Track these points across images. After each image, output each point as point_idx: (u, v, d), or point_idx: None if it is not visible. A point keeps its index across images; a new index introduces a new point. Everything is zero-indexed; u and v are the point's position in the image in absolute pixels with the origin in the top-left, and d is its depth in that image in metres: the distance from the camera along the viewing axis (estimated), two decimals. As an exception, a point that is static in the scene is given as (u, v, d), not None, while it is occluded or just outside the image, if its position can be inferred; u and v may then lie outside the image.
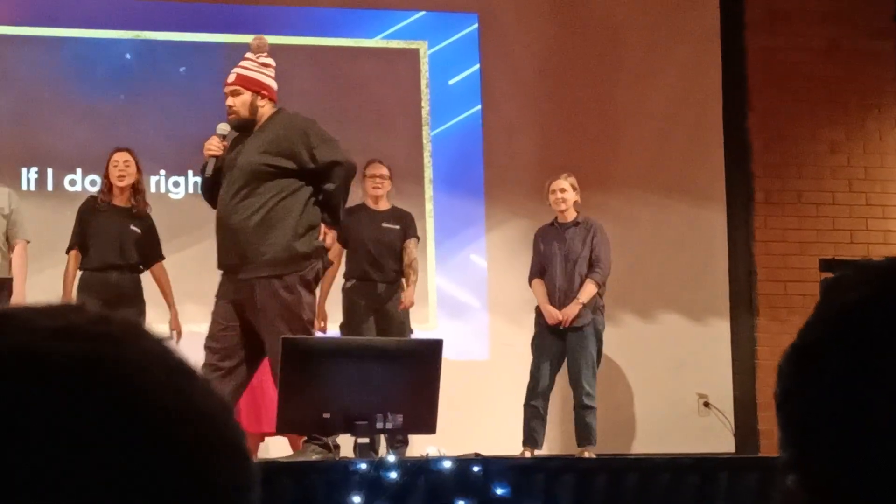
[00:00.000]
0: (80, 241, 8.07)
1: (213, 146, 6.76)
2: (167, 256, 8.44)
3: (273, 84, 6.90)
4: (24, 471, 0.67)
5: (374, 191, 8.61)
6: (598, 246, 8.44)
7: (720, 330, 10.06)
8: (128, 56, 9.61)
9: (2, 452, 0.67)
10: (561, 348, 8.34)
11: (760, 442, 9.68)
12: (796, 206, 10.22)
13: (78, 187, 9.33)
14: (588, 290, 8.33)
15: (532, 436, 8.27)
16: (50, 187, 9.37)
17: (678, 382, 9.80)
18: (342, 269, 8.57)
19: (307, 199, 6.63)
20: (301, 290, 6.55)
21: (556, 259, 8.41)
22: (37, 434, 0.68)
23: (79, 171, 9.40)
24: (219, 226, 6.69)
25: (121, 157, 8.17)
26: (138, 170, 8.24)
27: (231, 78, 6.86)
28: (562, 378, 8.46)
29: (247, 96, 6.76)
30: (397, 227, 8.58)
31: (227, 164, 6.66)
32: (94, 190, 8.68)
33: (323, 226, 6.68)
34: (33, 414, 0.69)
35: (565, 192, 8.47)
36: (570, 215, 8.51)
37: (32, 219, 8.31)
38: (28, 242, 8.03)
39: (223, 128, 6.81)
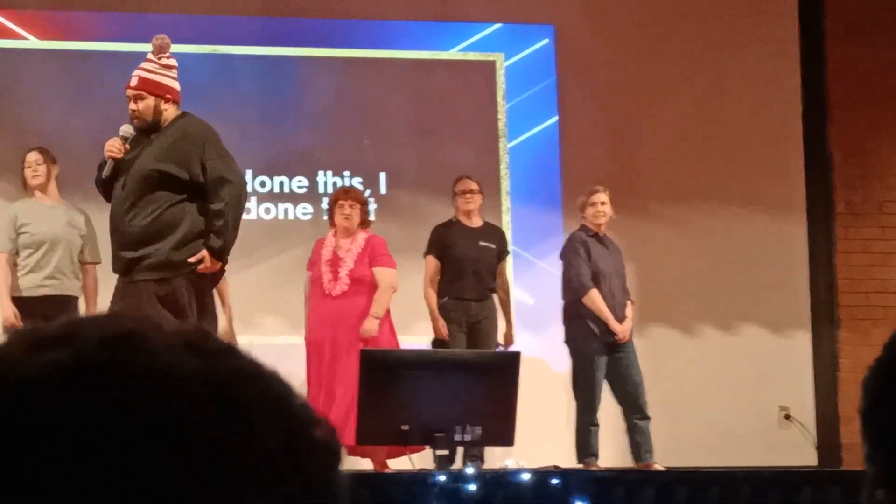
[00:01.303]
0: None
1: (114, 148, 6.51)
2: (244, 270, 8.46)
3: (176, 86, 6.69)
4: (175, 482, 0.70)
5: (465, 206, 8.61)
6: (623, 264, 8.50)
7: (801, 342, 9.97)
8: (204, 71, 9.68)
9: (152, 468, 0.70)
10: (605, 362, 8.23)
11: (843, 455, 9.57)
12: (878, 217, 10.10)
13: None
14: (631, 308, 8.35)
15: (593, 449, 8.17)
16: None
17: (759, 395, 9.72)
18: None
19: (195, 210, 6.43)
20: (184, 292, 6.33)
21: (611, 274, 8.36)
22: (186, 451, 0.71)
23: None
24: (110, 226, 6.57)
25: None
26: None
27: (133, 82, 6.64)
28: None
29: (150, 101, 6.56)
30: (494, 245, 8.60)
31: (124, 167, 6.47)
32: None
33: (204, 252, 6.37)
34: (188, 431, 0.72)
35: (605, 206, 8.44)
36: (604, 229, 8.49)
37: (102, 238, 8.36)
38: (98, 264, 7.98)
39: (126, 129, 6.59)
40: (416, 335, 8.58)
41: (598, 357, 8.17)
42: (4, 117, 9.33)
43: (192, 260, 6.30)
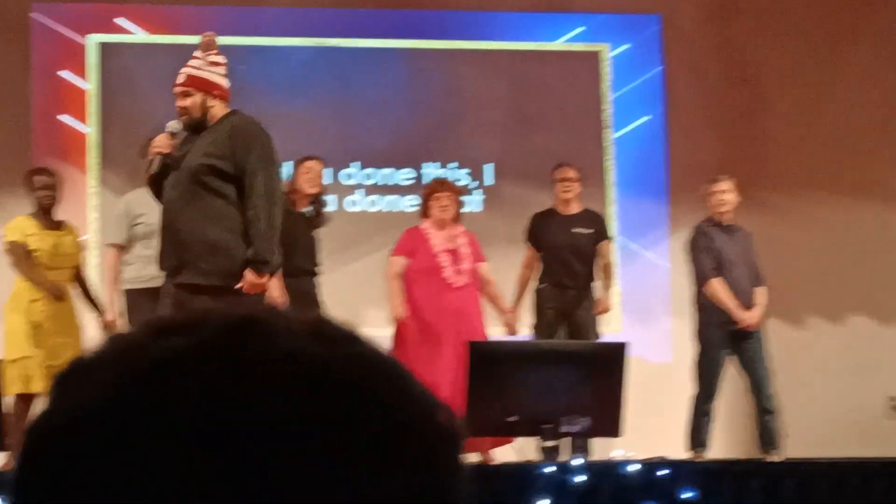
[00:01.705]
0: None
1: (161, 143, 6.42)
2: (352, 262, 8.54)
3: (224, 83, 6.58)
4: (290, 465, 0.71)
5: (563, 194, 8.61)
6: (755, 253, 8.41)
7: (910, 332, 9.87)
8: (312, 63, 9.78)
9: (266, 451, 0.71)
10: (728, 352, 8.21)
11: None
12: None
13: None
14: (765, 296, 8.27)
15: (703, 439, 8.16)
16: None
17: (867, 385, 9.64)
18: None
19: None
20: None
21: (736, 261, 8.32)
22: (304, 435, 0.72)
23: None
24: (162, 225, 6.39)
25: (318, 165, 8.20)
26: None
27: (181, 79, 6.57)
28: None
29: (197, 97, 6.46)
30: (590, 230, 8.57)
31: (174, 165, 6.37)
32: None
33: (247, 275, 6.10)
34: (306, 415, 0.73)
35: (727, 194, 8.38)
36: (730, 217, 8.43)
37: None
38: None
39: (174, 125, 6.50)
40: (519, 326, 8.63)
41: (721, 347, 8.14)
42: (116, 111, 9.50)
43: (237, 286, 6.09)
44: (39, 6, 9.44)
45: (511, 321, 8.20)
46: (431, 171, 9.73)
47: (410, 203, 9.61)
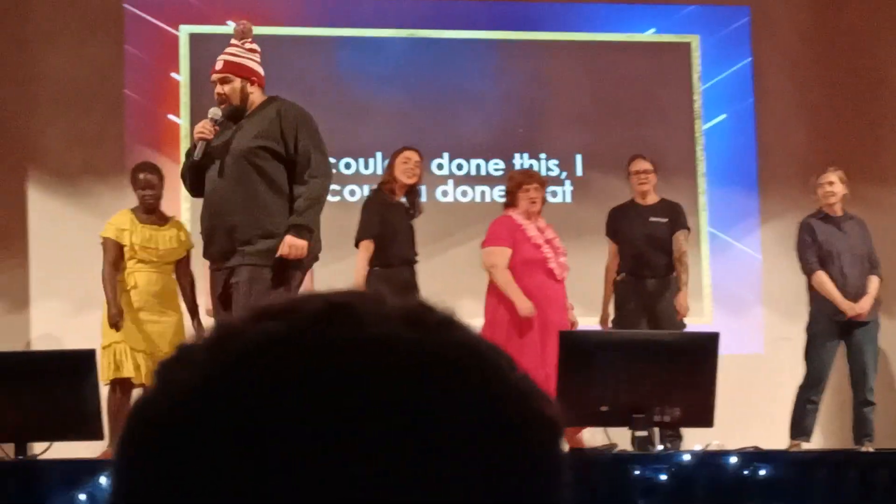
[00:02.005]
0: (375, 233, 8.04)
1: (205, 129, 6.40)
2: (442, 253, 8.54)
3: (261, 70, 6.62)
4: (380, 452, 0.71)
5: (640, 186, 8.59)
6: (871, 241, 8.35)
7: None
8: (403, 54, 9.81)
9: (355, 439, 0.71)
10: (840, 342, 8.21)
11: None
12: None
13: (353, 184, 9.57)
14: (876, 285, 8.23)
15: (807, 428, 8.15)
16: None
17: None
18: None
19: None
20: (286, 285, 6.21)
21: (843, 252, 8.27)
22: (392, 422, 0.72)
23: (353, 167, 9.64)
24: (209, 212, 6.41)
25: (414, 156, 8.18)
26: (420, 169, 8.26)
27: (219, 66, 6.54)
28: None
29: (237, 83, 6.48)
30: (665, 220, 8.53)
31: (218, 150, 6.35)
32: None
33: (287, 239, 6.20)
34: (396, 401, 0.72)
35: (834, 185, 8.35)
36: (839, 209, 8.37)
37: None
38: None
39: (215, 112, 6.44)
40: (594, 316, 8.60)
41: (829, 338, 8.19)
42: (207, 102, 9.54)
43: (278, 254, 6.19)
44: (132, -2, 9.56)
45: (573, 319, 8.16)
46: (521, 161, 9.72)
47: (500, 193, 9.60)
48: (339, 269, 8.33)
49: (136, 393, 7.79)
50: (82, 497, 5.64)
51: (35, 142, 9.29)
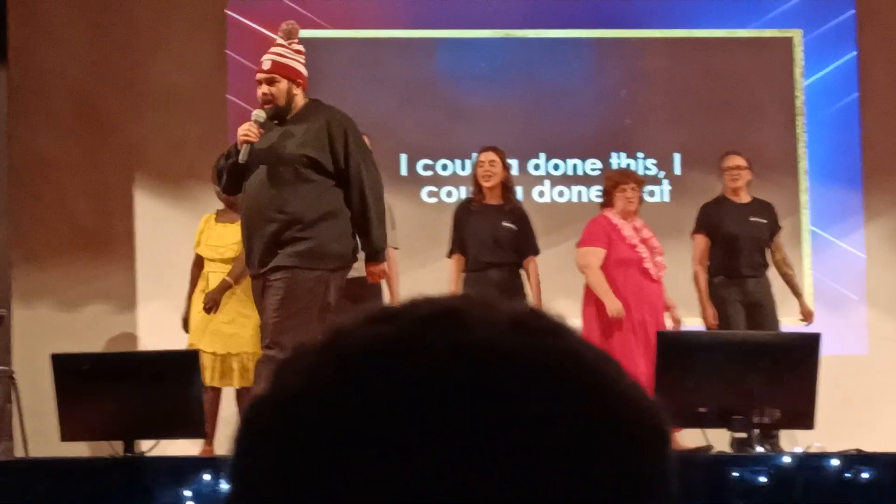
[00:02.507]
0: (459, 244, 8.16)
1: (251, 132, 6.29)
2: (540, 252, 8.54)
3: (305, 72, 6.53)
4: (485, 458, 0.72)
5: (732, 182, 8.51)
6: None
7: None
8: (498, 55, 9.82)
9: (456, 440, 0.72)
10: None
11: None
12: None
13: (451, 188, 9.60)
14: None
15: None
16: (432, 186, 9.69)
17: None
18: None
19: (344, 200, 6.32)
20: (320, 289, 6.23)
21: None
22: (500, 427, 0.72)
23: (449, 168, 9.67)
24: (252, 215, 6.34)
25: (486, 157, 8.19)
26: (505, 167, 8.23)
27: (266, 65, 6.44)
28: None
29: (283, 84, 6.38)
30: (765, 220, 8.47)
31: (263, 154, 6.28)
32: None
33: (366, 266, 6.39)
34: (502, 407, 0.73)
35: None
36: None
37: (406, 218, 8.48)
38: (397, 249, 8.07)
39: (259, 114, 6.37)
40: (692, 316, 8.54)
41: None
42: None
43: (370, 280, 6.51)
44: (234, 4, 9.68)
45: (677, 317, 8.11)
46: (618, 161, 9.69)
47: (597, 193, 9.57)
48: (437, 269, 8.40)
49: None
50: (187, 493, 5.74)
51: (141, 147, 9.46)
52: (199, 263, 8.04)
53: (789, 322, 8.54)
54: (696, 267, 8.42)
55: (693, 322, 8.43)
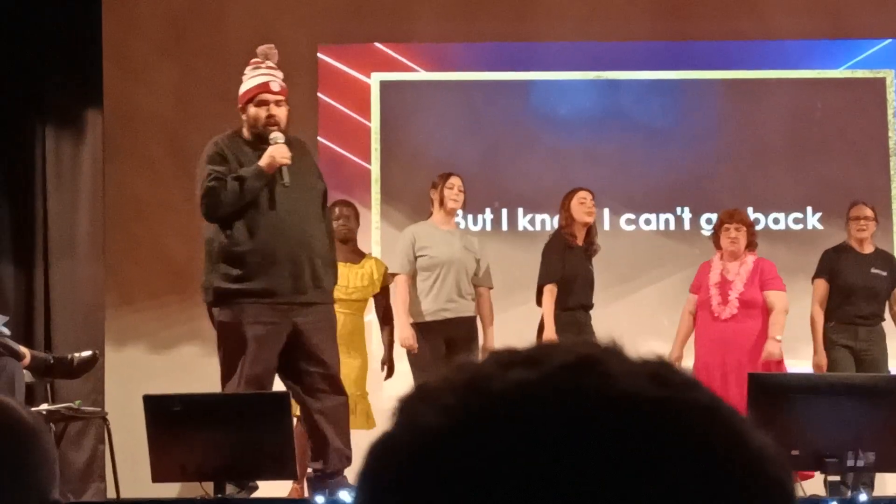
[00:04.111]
0: (558, 277, 8.08)
1: (287, 155, 6.27)
2: (627, 296, 8.51)
3: None
4: None
5: (859, 233, 8.41)
6: None
7: None
8: (590, 96, 9.82)
9: (605, 490, 0.73)
10: None
11: None
12: None
13: (540, 227, 9.58)
14: None
15: None
16: (519, 227, 9.69)
17: None
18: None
19: None
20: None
21: None
22: (639, 477, 0.73)
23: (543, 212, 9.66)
24: (285, 246, 6.26)
25: (588, 195, 8.25)
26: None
27: (276, 87, 6.44)
28: None
29: (285, 108, 6.43)
30: (885, 273, 8.39)
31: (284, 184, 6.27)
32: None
33: None
34: (642, 456, 0.74)
35: None
36: None
37: (496, 258, 8.49)
38: (491, 289, 8.10)
39: (280, 136, 6.34)
40: (802, 359, 8.44)
41: None
42: (396, 147, 9.74)
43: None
44: (326, 48, 9.77)
45: (772, 349, 8.00)
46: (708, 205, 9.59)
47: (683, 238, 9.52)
48: (518, 315, 8.40)
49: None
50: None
51: (233, 189, 9.56)
52: None
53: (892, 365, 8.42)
54: (814, 309, 8.35)
55: (804, 363, 8.31)
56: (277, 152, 6.27)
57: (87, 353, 7.56)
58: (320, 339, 6.36)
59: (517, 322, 8.39)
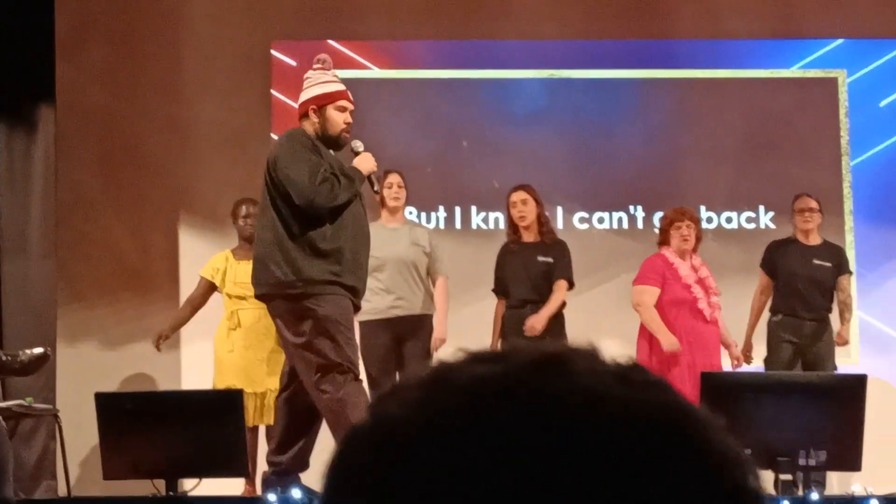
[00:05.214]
0: (500, 285, 8.22)
1: (375, 163, 6.51)
2: (583, 293, 8.53)
3: None
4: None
5: (804, 225, 8.47)
6: None
7: None
8: (543, 95, 9.84)
9: (562, 484, 0.73)
10: None
11: None
12: None
13: (493, 225, 9.59)
14: None
15: None
16: (473, 225, 9.70)
17: None
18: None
19: None
20: None
21: None
22: (599, 473, 0.73)
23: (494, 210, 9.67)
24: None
25: (517, 196, 8.23)
26: (538, 203, 8.25)
27: (350, 97, 6.58)
28: None
29: None
30: (829, 263, 8.43)
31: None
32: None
33: None
34: (601, 452, 0.74)
35: None
36: None
37: (449, 256, 8.48)
38: (447, 278, 8.10)
39: (362, 146, 6.56)
40: (757, 358, 8.50)
41: None
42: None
43: None
44: (279, 44, 9.74)
45: (736, 355, 8.07)
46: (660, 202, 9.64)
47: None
48: (473, 312, 8.42)
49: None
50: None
51: (186, 186, 9.52)
52: (206, 293, 8.13)
53: (841, 363, 8.48)
54: (754, 297, 8.42)
55: (758, 364, 8.37)
56: (370, 160, 6.44)
57: (38, 351, 7.50)
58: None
59: (471, 319, 8.40)
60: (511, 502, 0.72)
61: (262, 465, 7.73)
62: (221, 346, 7.95)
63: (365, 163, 6.44)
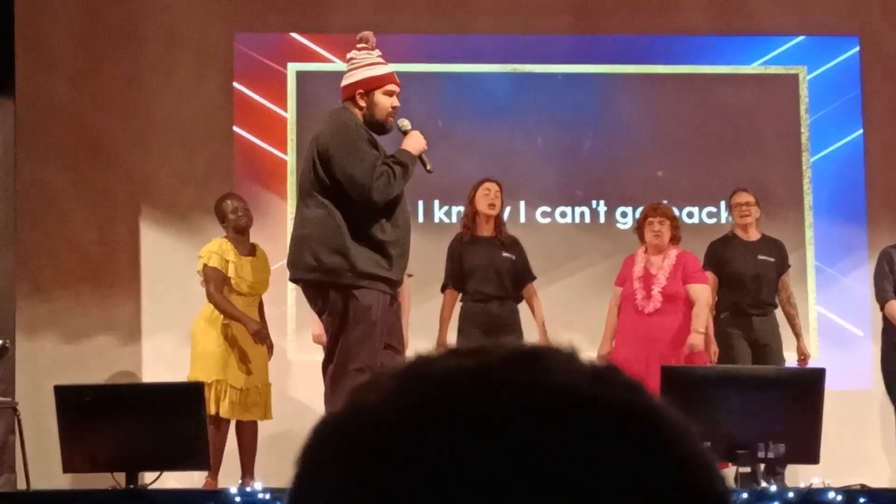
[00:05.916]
0: (455, 277, 8.16)
1: (424, 141, 6.18)
2: (549, 285, 8.55)
3: None
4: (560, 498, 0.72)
5: (741, 219, 8.52)
6: None
7: None
8: (507, 89, 9.84)
9: (535, 478, 0.72)
10: None
11: None
12: None
13: (456, 219, 9.59)
14: None
15: None
16: (435, 219, 9.70)
17: None
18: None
19: None
20: None
21: None
22: (573, 470, 0.73)
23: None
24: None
25: (492, 186, 8.23)
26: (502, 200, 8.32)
27: (396, 79, 6.27)
28: None
29: None
30: (773, 259, 8.47)
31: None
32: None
33: None
34: (574, 447, 0.73)
35: None
36: None
37: (412, 250, 8.48)
38: (411, 276, 8.11)
39: (409, 124, 6.24)
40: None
41: None
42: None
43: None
44: (242, 36, 9.71)
45: (694, 342, 8.09)
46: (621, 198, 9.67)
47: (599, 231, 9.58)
48: (432, 307, 8.41)
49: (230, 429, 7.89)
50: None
51: (147, 178, 9.49)
52: (221, 285, 7.95)
53: (794, 358, 8.53)
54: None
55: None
56: (420, 139, 6.15)
57: (-4, 343, 7.46)
58: (401, 323, 6.36)
59: (433, 313, 8.40)
60: (480, 492, 0.72)
61: (227, 459, 7.73)
62: (204, 338, 7.88)
63: (415, 142, 6.15)
